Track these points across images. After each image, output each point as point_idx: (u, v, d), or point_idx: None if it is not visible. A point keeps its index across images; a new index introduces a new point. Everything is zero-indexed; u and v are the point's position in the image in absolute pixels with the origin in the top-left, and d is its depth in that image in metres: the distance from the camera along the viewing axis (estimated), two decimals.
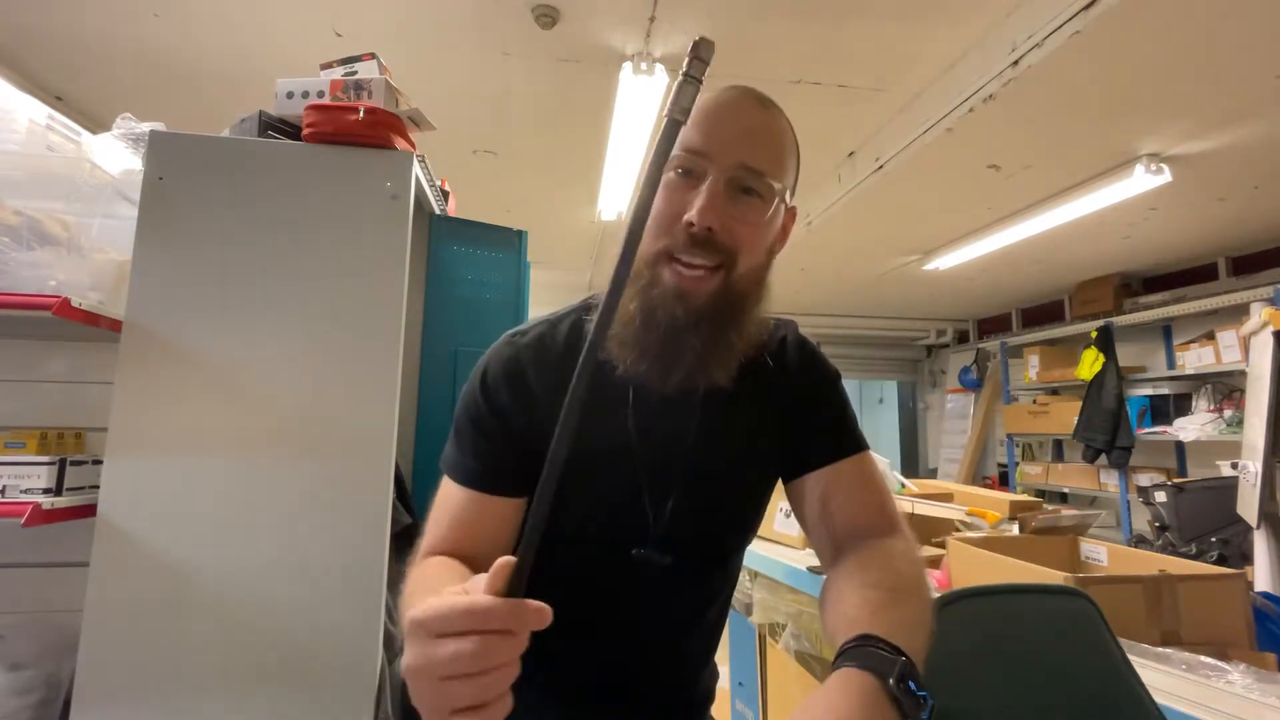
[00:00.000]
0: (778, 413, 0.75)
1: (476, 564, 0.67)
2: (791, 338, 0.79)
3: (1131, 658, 0.70)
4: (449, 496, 0.71)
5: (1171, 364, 4.29)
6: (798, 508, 0.77)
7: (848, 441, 0.75)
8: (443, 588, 0.56)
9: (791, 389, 0.76)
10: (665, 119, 0.45)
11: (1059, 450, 5.29)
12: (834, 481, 0.73)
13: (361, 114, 1.27)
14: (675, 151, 0.63)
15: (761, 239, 0.67)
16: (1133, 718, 0.65)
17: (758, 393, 0.73)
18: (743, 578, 1.89)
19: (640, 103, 2.36)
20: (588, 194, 3.47)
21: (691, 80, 0.46)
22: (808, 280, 5.11)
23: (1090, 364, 4.44)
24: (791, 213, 0.72)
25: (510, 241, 1.71)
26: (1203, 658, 1.05)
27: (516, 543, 0.71)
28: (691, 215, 0.62)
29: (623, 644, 0.74)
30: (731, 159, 0.63)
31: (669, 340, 0.64)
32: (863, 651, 0.51)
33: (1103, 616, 0.71)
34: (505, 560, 0.43)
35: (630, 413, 0.70)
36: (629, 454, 0.69)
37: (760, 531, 1.87)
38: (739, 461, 0.74)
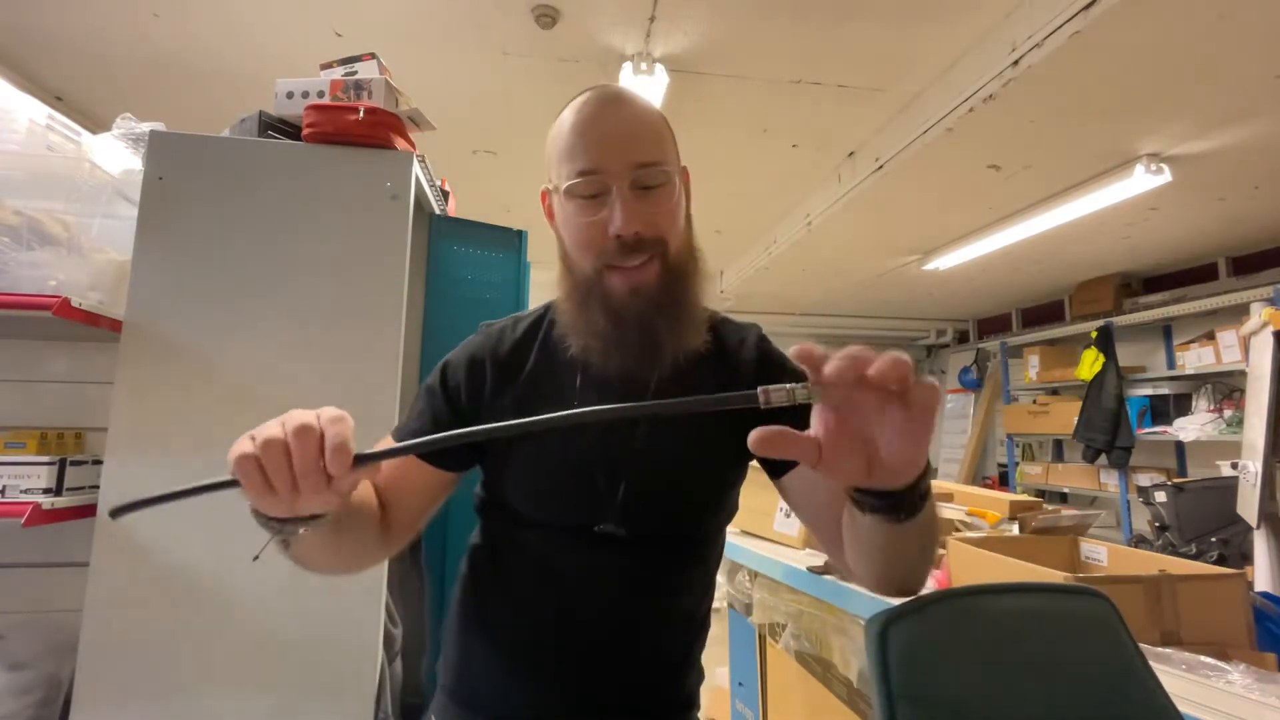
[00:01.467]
0: (740, 417, 0.75)
1: (389, 511, 0.71)
2: (751, 339, 0.81)
3: None
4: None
5: (1171, 364, 4.28)
6: (794, 504, 0.78)
7: None
8: None
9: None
10: None
11: (1059, 450, 5.29)
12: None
13: (361, 114, 1.27)
14: (571, 180, 0.69)
15: (678, 217, 0.73)
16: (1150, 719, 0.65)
17: (712, 384, 0.75)
18: (742, 577, 1.89)
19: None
20: None
21: None
22: (808, 280, 5.11)
23: (1090, 364, 4.44)
24: (686, 173, 0.77)
25: (510, 241, 1.71)
26: (1203, 658, 1.05)
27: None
28: (616, 229, 0.67)
29: (593, 636, 0.74)
30: (623, 164, 0.68)
31: (644, 331, 0.69)
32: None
33: (1121, 617, 0.70)
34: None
35: (579, 398, 0.74)
36: (582, 437, 0.73)
37: (760, 531, 1.88)
38: (690, 446, 0.75)
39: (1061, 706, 0.64)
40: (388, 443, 0.74)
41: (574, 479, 0.73)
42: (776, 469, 0.76)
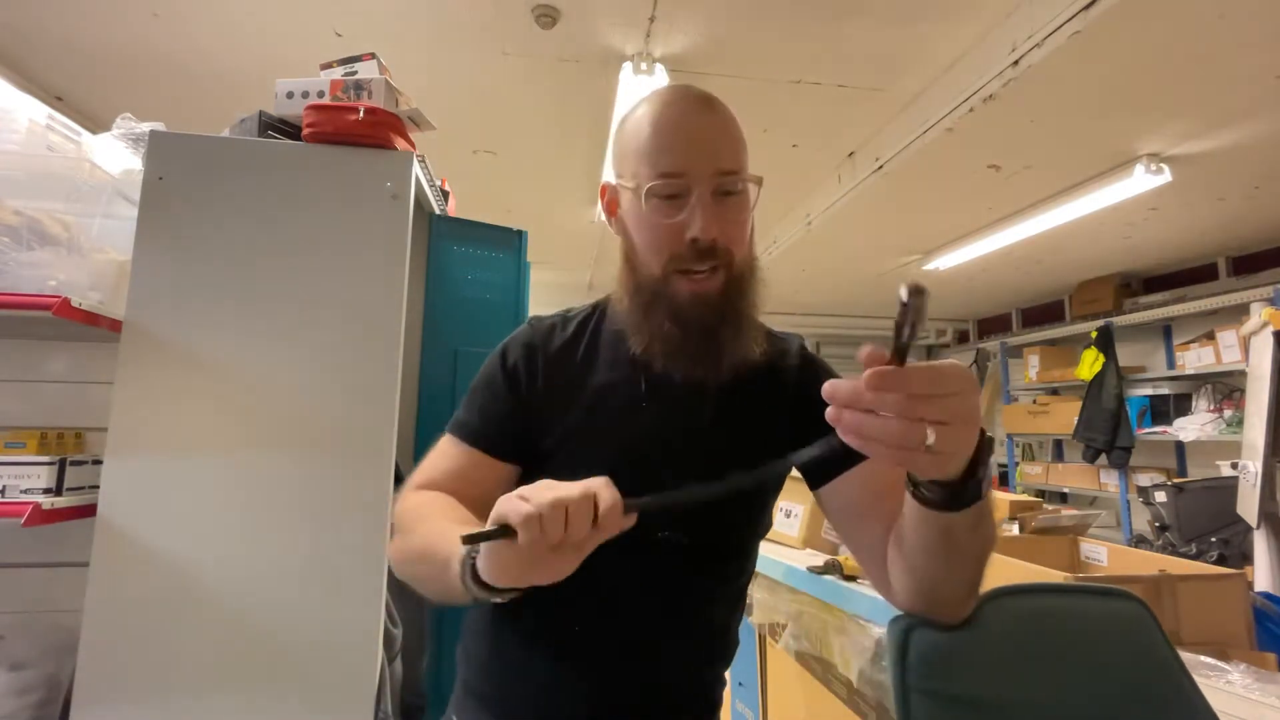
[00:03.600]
0: (786, 418, 0.77)
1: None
2: (796, 348, 0.83)
3: None
4: (444, 451, 0.76)
5: (1171, 364, 4.28)
6: (838, 506, 0.77)
7: None
8: (446, 518, 0.64)
9: (805, 399, 0.76)
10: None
11: (1059, 450, 5.29)
12: (878, 474, 0.73)
13: (361, 114, 1.27)
14: (654, 181, 0.69)
15: (747, 229, 0.74)
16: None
17: (762, 393, 0.78)
18: None
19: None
20: (588, 194, 3.47)
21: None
22: (808, 280, 5.11)
23: (1090, 364, 4.44)
24: (759, 182, 0.77)
25: (510, 241, 1.71)
26: (1203, 658, 1.05)
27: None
28: (696, 232, 0.68)
29: (632, 641, 0.74)
30: (707, 169, 0.69)
31: (705, 338, 0.71)
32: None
33: (1156, 620, 0.70)
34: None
35: (647, 405, 0.75)
36: (649, 442, 0.73)
37: None
38: (750, 454, 0.74)
39: (1088, 708, 0.63)
40: (447, 445, 0.76)
41: (641, 480, 0.70)
42: (816, 478, 0.76)
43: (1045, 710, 0.63)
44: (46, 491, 1.16)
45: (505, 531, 0.51)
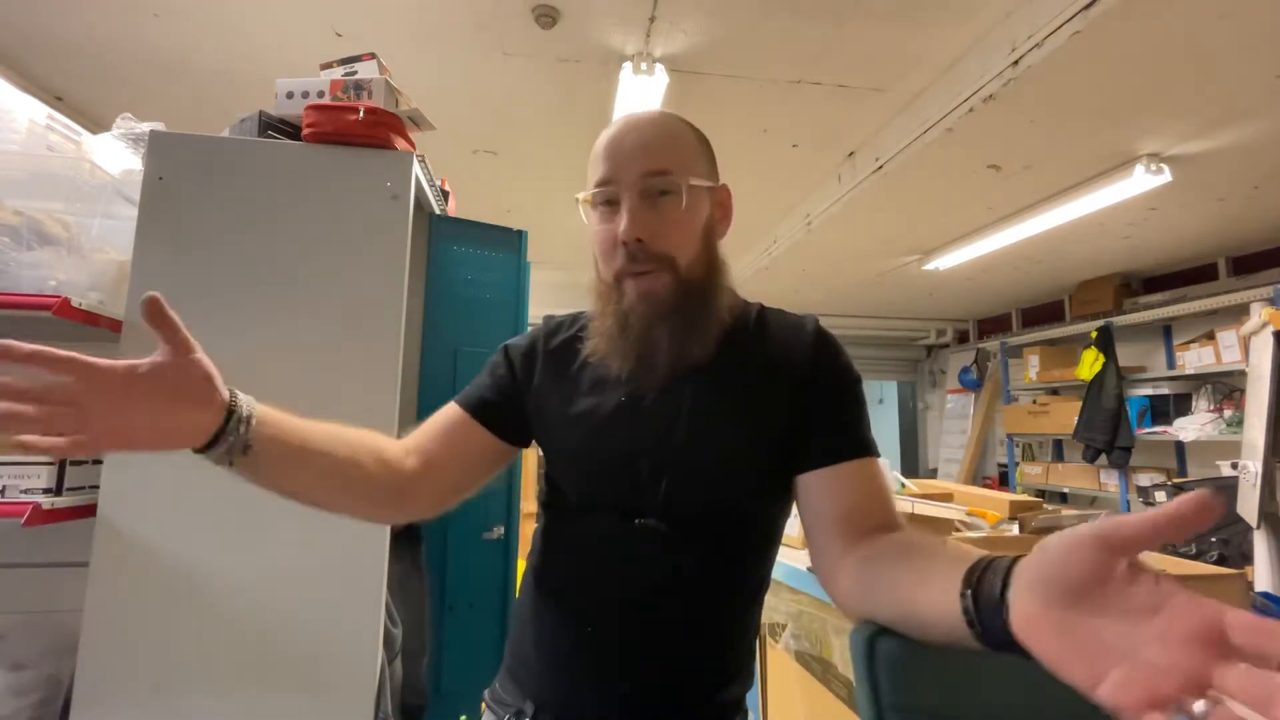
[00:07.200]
0: (789, 394, 0.75)
1: (436, 471, 0.79)
2: (811, 327, 0.79)
3: None
4: (441, 412, 0.84)
5: (1171, 364, 4.28)
6: (814, 496, 0.74)
7: (869, 444, 0.75)
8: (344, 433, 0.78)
9: (814, 381, 0.75)
10: None
11: (1059, 450, 5.29)
12: (858, 476, 0.72)
13: (361, 114, 1.27)
14: (592, 190, 0.74)
15: (689, 229, 0.74)
16: None
17: (752, 370, 0.76)
18: None
19: (640, 103, 2.36)
20: None
21: None
22: (808, 280, 5.11)
23: (1090, 364, 4.44)
24: (724, 190, 0.80)
25: (510, 241, 1.71)
26: None
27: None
28: (620, 234, 0.70)
29: (629, 626, 0.74)
30: (634, 173, 0.71)
31: (644, 339, 0.73)
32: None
33: None
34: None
35: (627, 398, 0.76)
36: (628, 432, 0.75)
37: None
38: (728, 448, 0.75)
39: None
40: (447, 408, 0.85)
41: (619, 466, 0.75)
42: (812, 461, 0.73)
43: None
44: (46, 491, 1.16)
45: None
